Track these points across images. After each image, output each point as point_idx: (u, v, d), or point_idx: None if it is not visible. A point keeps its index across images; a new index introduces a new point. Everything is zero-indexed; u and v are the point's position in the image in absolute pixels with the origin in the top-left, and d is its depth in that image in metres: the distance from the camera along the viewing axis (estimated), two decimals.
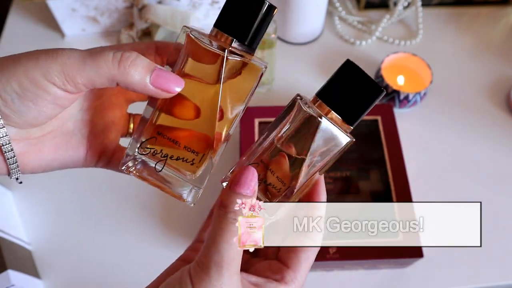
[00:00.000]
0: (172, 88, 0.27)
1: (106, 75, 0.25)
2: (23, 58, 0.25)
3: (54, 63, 0.25)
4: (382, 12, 0.75)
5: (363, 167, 0.55)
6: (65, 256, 0.53)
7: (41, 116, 0.26)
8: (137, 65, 0.26)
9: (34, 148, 0.28)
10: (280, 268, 0.28)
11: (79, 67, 0.25)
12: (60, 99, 0.26)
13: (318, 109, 0.28)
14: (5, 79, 0.24)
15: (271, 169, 0.29)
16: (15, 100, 0.25)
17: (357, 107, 0.28)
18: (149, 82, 0.26)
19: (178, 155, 0.29)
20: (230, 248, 0.25)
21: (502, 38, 0.74)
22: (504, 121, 0.64)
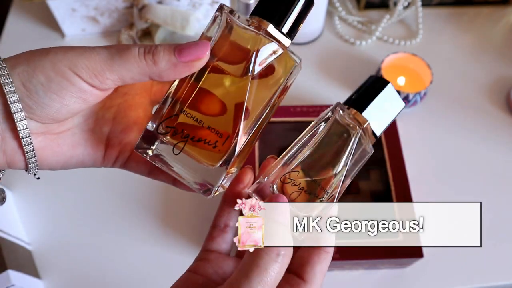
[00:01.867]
0: (200, 54, 0.26)
1: (135, 70, 0.26)
2: (52, 51, 0.25)
3: (82, 57, 0.25)
4: (382, 12, 0.75)
5: (363, 167, 0.55)
6: (65, 256, 0.53)
7: (64, 109, 0.26)
8: (159, 51, 0.26)
9: (53, 143, 0.28)
10: (297, 282, 0.28)
11: (108, 63, 0.25)
12: (85, 94, 0.26)
13: (355, 118, 0.30)
14: (31, 70, 0.24)
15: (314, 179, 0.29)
16: (40, 92, 0.25)
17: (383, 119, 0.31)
18: (176, 59, 0.26)
19: (200, 136, 0.27)
20: (262, 281, 0.24)
21: (502, 38, 0.74)
22: (504, 121, 0.64)
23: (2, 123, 0.25)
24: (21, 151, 0.26)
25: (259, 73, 0.27)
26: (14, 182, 0.58)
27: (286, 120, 0.57)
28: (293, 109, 0.58)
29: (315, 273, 0.28)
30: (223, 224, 0.32)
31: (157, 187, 0.58)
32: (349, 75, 0.68)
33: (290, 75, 0.28)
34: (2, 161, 0.26)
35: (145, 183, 0.58)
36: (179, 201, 0.57)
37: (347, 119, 0.29)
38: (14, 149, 0.26)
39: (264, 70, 0.27)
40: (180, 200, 0.57)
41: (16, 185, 0.58)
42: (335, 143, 0.29)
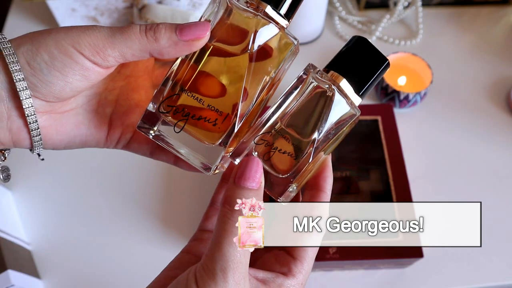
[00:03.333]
0: (201, 34, 0.27)
1: (136, 46, 0.26)
2: (54, 30, 0.26)
3: (84, 35, 0.25)
4: (382, 12, 0.75)
5: (363, 167, 0.55)
6: (65, 256, 0.53)
7: (68, 87, 0.26)
8: (161, 29, 0.26)
9: (57, 122, 0.28)
10: (286, 260, 0.28)
11: (109, 40, 0.26)
12: (87, 71, 0.26)
13: (330, 79, 0.28)
14: (35, 49, 0.25)
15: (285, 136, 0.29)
16: (44, 69, 0.25)
17: (366, 77, 0.29)
18: (177, 37, 0.26)
19: (201, 114, 0.28)
20: (236, 251, 0.24)
21: (502, 38, 0.74)
22: (504, 121, 0.64)
23: (8, 102, 0.26)
24: (26, 129, 0.27)
25: (257, 54, 0.28)
26: (14, 182, 0.58)
27: None
28: None
29: (305, 249, 0.28)
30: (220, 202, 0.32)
31: (157, 187, 0.58)
32: None
33: (287, 56, 0.28)
34: (8, 139, 0.27)
35: (145, 183, 0.58)
36: (179, 201, 0.57)
37: (323, 79, 0.28)
38: (20, 127, 0.26)
39: (262, 51, 0.28)
40: (180, 200, 0.57)
41: (16, 185, 0.58)
42: (311, 105, 0.29)
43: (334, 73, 0.29)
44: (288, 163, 0.28)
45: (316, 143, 0.28)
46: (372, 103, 0.64)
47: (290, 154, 0.28)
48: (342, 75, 0.28)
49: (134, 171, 0.59)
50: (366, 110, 0.58)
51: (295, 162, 0.28)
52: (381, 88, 0.63)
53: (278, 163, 0.28)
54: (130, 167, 0.59)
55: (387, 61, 0.29)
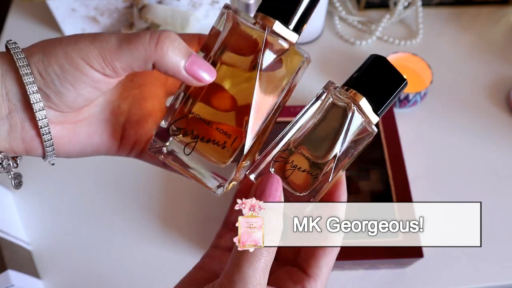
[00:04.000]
0: (204, 77, 0.26)
1: (142, 56, 0.25)
2: (64, 41, 0.25)
3: (93, 47, 0.25)
4: (382, 12, 0.75)
5: (363, 167, 0.55)
6: (65, 256, 0.53)
7: (80, 98, 0.26)
8: (175, 47, 0.26)
9: (70, 132, 0.28)
10: (300, 277, 0.27)
11: (116, 52, 0.25)
12: (98, 83, 0.26)
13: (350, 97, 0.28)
14: (46, 61, 0.25)
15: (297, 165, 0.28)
16: (56, 82, 0.25)
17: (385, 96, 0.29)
18: (183, 67, 0.26)
19: (210, 136, 0.28)
20: (256, 273, 0.24)
21: (502, 38, 0.74)
22: (504, 121, 0.64)
23: (21, 113, 0.26)
24: (39, 139, 0.27)
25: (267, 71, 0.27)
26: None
27: (286, 120, 0.57)
28: (293, 109, 0.57)
29: (320, 267, 0.27)
30: (232, 222, 0.32)
31: (157, 187, 0.58)
32: (349, 75, 0.68)
33: (297, 71, 0.28)
34: (21, 148, 0.27)
35: (145, 183, 0.58)
36: (179, 201, 0.57)
37: (342, 97, 0.28)
38: (33, 137, 0.26)
39: (271, 67, 0.27)
40: (180, 200, 0.57)
41: None
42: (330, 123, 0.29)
43: (353, 91, 0.29)
44: (305, 180, 0.28)
45: (336, 161, 0.28)
46: None
47: (308, 172, 0.28)
48: (361, 94, 0.29)
49: (134, 171, 0.59)
50: None
51: (312, 180, 0.28)
52: None
53: (295, 180, 0.28)
54: (130, 167, 0.59)
55: (405, 81, 0.29)
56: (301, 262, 0.28)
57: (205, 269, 0.30)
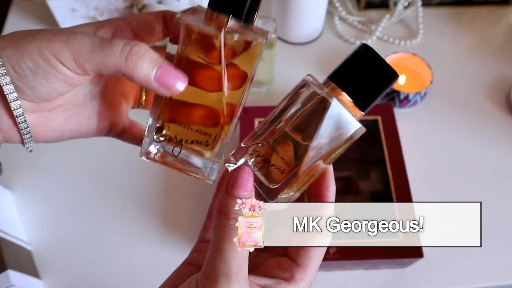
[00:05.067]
0: (174, 87, 0.27)
1: (112, 66, 0.26)
2: (38, 36, 0.26)
3: (65, 47, 0.25)
4: (382, 12, 0.75)
5: (363, 167, 0.55)
6: (65, 256, 0.53)
7: (53, 92, 0.27)
8: (144, 60, 0.26)
9: (46, 119, 0.29)
10: (289, 266, 0.28)
11: (88, 56, 0.26)
12: (71, 79, 0.26)
13: (330, 90, 0.28)
14: (19, 55, 0.25)
15: (276, 150, 0.28)
16: (29, 76, 0.25)
17: (370, 91, 0.27)
18: (153, 78, 0.26)
19: (192, 138, 0.29)
20: (236, 256, 0.24)
21: (502, 38, 0.74)
22: (504, 121, 0.64)
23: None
24: (16, 128, 0.27)
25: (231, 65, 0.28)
26: (14, 182, 0.58)
27: None
28: None
29: (310, 257, 0.27)
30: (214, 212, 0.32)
31: (157, 187, 0.58)
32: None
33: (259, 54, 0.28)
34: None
35: (145, 183, 0.58)
36: (179, 201, 0.57)
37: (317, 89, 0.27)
38: (10, 126, 0.27)
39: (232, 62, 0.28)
40: (180, 200, 0.57)
41: (16, 185, 0.58)
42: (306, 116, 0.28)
43: (333, 86, 0.28)
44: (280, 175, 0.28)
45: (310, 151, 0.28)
46: None
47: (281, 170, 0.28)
48: (342, 89, 0.27)
49: (135, 171, 0.59)
50: None
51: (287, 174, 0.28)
52: None
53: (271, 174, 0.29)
54: (131, 167, 0.59)
55: (394, 75, 0.27)
56: (291, 252, 0.28)
57: (194, 264, 0.30)
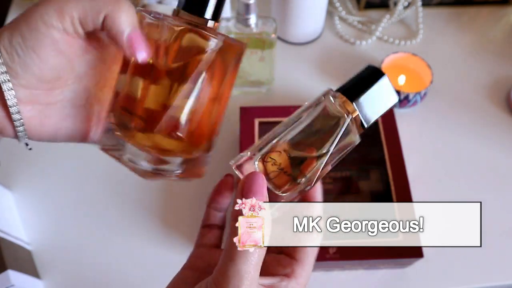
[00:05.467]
0: (140, 53, 0.27)
1: (99, 5, 0.26)
2: (29, 9, 0.26)
3: (49, 4, 0.25)
4: (382, 12, 0.75)
5: (363, 167, 0.55)
6: (65, 256, 0.53)
7: (45, 67, 0.26)
8: (129, 14, 0.26)
9: (42, 114, 0.28)
10: (289, 262, 0.28)
11: (72, 4, 0.25)
12: (57, 43, 0.26)
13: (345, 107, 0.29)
14: (10, 34, 0.25)
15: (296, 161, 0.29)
16: (19, 52, 0.25)
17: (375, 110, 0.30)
18: (127, 33, 0.26)
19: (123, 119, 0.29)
20: (250, 268, 0.24)
21: (502, 38, 0.74)
22: (504, 121, 0.64)
23: None
24: (9, 119, 0.27)
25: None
26: (14, 182, 0.58)
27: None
28: (293, 109, 0.57)
29: (306, 251, 0.28)
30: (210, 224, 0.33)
31: (157, 187, 0.58)
32: (349, 75, 0.67)
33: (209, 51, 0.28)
34: None
35: (145, 183, 0.58)
36: (179, 201, 0.57)
37: (337, 106, 0.29)
38: (3, 117, 0.27)
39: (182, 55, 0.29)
40: (180, 200, 0.57)
41: (16, 185, 0.58)
42: (322, 129, 0.29)
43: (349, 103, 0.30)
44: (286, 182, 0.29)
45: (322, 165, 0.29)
46: None
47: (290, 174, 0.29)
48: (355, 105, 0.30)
49: None
50: None
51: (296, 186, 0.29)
52: None
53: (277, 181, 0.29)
54: None
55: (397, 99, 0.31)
56: (286, 249, 0.29)
57: (193, 268, 0.30)
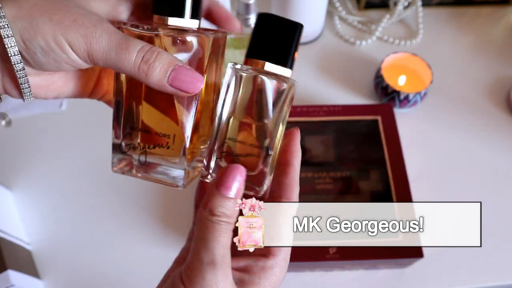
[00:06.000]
0: (190, 89, 0.27)
1: (127, 72, 0.26)
2: (56, 18, 0.25)
3: (82, 41, 0.26)
4: (382, 12, 0.75)
5: (363, 167, 0.55)
6: (65, 256, 0.53)
7: (58, 70, 0.27)
8: (155, 68, 0.26)
9: (49, 82, 0.29)
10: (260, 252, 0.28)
11: (102, 55, 0.26)
12: (79, 65, 0.27)
13: (254, 67, 0.28)
14: (33, 32, 0.25)
15: (238, 140, 0.28)
16: (39, 54, 0.26)
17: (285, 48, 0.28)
18: (167, 83, 0.26)
19: (153, 142, 0.30)
20: (220, 246, 0.25)
21: (502, 38, 0.74)
22: (504, 121, 0.64)
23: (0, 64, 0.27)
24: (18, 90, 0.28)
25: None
26: (14, 182, 0.58)
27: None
28: (293, 109, 0.57)
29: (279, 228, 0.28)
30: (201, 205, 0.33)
31: (158, 187, 0.58)
32: (349, 75, 0.68)
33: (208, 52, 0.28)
34: (1, 90, 0.28)
35: (145, 183, 0.58)
36: (179, 201, 0.57)
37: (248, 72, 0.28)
38: (12, 87, 0.28)
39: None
40: (180, 200, 0.57)
41: (16, 185, 0.58)
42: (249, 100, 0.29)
43: (255, 62, 0.28)
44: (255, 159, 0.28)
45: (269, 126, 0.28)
46: (372, 103, 0.64)
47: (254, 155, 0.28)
48: (263, 60, 0.28)
49: None
50: (366, 110, 0.58)
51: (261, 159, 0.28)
52: (381, 88, 0.63)
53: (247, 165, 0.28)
54: None
55: (299, 25, 0.28)
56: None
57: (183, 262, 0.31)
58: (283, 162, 0.29)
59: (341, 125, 0.57)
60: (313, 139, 0.57)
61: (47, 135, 0.62)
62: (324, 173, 0.54)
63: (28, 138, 0.61)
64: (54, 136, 0.62)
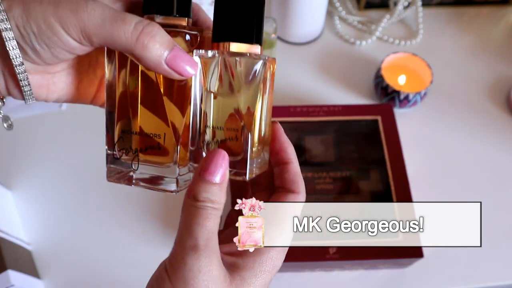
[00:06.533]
0: (186, 71, 0.26)
1: (122, 44, 0.25)
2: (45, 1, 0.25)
3: (73, 17, 0.24)
4: (382, 12, 0.75)
5: (363, 167, 0.55)
6: (65, 256, 0.53)
7: (56, 58, 0.26)
8: (156, 41, 0.25)
9: (50, 82, 0.29)
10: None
11: (96, 29, 0.25)
12: (73, 49, 0.26)
13: (220, 50, 0.27)
14: (25, 16, 0.25)
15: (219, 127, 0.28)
16: (32, 39, 0.25)
17: (250, 24, 0.27)
18: (164, 61, 0.25)
19: (145, 144, 0.29)
20: (204, 230, 0.24)
21: (502, 38, 0.74)
22: (504, 121, 0.64)
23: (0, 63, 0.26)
24: (18, 89, 0.27)
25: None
26: (14, 182, 0.58)
27: (286, 120, 0.57)
28: (293, 109, 0.57)
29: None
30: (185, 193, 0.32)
31: None
32: (349, 75, 0.68)
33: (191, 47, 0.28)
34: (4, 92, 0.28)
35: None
36: (179, 201, 0.57)
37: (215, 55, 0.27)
38: (13, 86, 0.27)
39: None
40: (180, 201, 0.57)
41: (16, 185, 0.58)
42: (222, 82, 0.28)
43: (221, 44, 0.27)
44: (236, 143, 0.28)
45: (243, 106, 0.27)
46: (372, 103, 0.64)
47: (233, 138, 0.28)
48: (228, 41, 0.27)
49: None
50: (366, 110, 0.58)
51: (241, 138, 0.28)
52: (381, 88, 0.63)
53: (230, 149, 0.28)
54: None
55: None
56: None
57: None
58: (280, 161, 0.29)
59: (341, 125, 0.57)
60: (313, 139, 0.57)
61: (47, 135, 0.62)
62: (324, 173, 0.54)
63: (28, 138, 0.61)
64: (54, 136, 0.62)
